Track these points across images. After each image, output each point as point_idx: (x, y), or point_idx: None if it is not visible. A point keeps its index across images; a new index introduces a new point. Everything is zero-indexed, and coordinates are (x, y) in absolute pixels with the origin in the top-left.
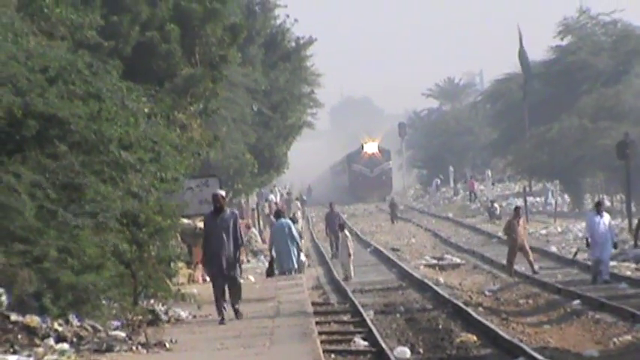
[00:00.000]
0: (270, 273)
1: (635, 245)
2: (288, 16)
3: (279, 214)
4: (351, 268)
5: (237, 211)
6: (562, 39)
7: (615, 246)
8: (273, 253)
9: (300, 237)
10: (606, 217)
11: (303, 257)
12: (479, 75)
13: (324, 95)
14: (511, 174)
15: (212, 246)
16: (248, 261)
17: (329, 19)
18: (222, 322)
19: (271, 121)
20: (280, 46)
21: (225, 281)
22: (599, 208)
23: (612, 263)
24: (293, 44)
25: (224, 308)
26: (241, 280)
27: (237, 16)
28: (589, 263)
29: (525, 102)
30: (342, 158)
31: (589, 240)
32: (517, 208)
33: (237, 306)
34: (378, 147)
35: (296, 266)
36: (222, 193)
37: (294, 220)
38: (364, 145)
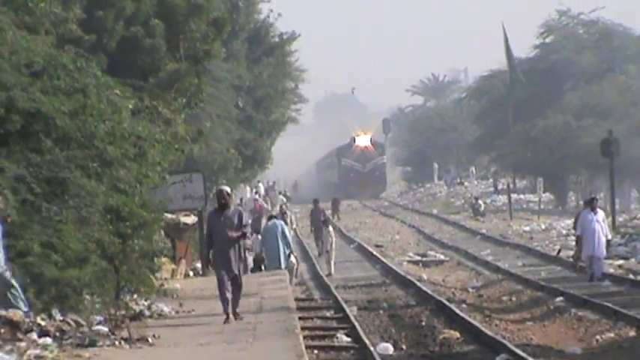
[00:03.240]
0: (255, 271)
1: None
2: (271, 10)
3: (272, 217)
4: (332, 264)
5: (241, 207)
6: (544, 38)
7: (609, 243)
8: (259, 251)
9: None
10: (600, 214)
11: (293, 259)
12: (463, 72)
13: (309, 91)
14: (495, 171)
15: (217, 243)
16: None
17: (313, 15)
18: (227, 320)
19: (255, 117)
20: (264, 41)
21: (230, 279)
22: (593, 204)
23: None
24: (277, 39)
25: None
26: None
27: (220, 10)
28: (571, 260)
29: (510, 99)
30: (328, 152)
31: (581, 237)
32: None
33: (236, 307)
34: (371, 140)
35: (285, 267)
36: (228, 189)
37: (284, 213)
38: (356, 138)
